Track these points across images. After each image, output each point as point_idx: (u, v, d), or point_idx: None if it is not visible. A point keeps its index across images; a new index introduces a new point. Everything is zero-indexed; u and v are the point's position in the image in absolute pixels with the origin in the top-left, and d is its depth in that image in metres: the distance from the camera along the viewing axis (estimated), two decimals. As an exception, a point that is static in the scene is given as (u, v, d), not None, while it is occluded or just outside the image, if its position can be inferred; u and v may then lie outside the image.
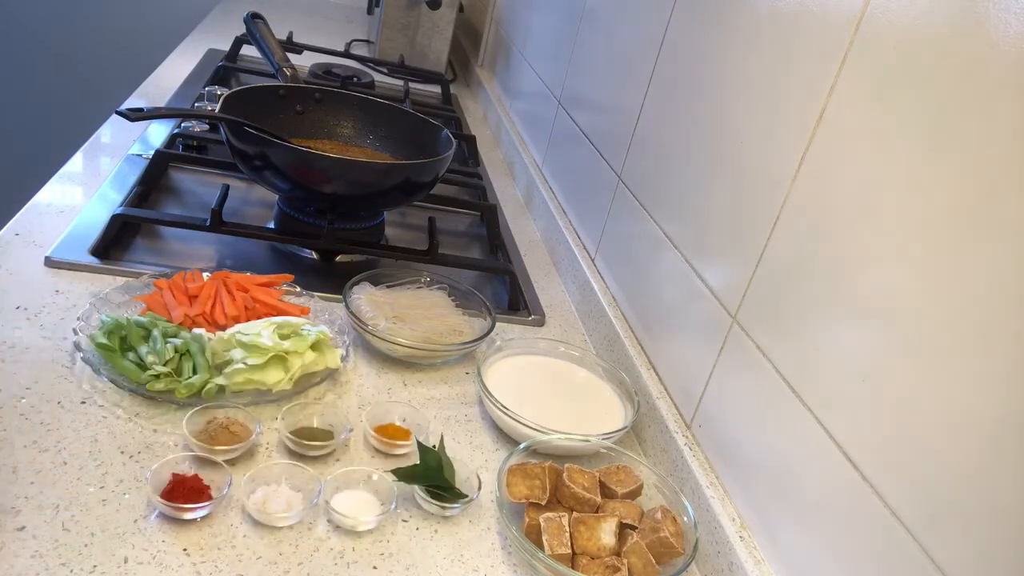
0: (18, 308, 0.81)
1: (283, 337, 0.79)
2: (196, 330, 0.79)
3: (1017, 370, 0.44)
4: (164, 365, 0.74)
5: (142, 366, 0.74)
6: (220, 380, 0.75)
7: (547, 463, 0.71)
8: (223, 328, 0.82)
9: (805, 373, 0.63)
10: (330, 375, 0.82)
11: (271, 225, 1.10)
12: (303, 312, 0.88)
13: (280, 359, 0.77)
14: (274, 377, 0.76)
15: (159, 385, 0.72)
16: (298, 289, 0.93)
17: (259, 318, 0.84)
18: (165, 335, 0.77)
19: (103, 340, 0.75)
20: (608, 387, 0.89)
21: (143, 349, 0.75)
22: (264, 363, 0.76)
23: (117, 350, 0.75)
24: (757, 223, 0.71)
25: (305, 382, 0.79)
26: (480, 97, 2.01)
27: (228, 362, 0.77)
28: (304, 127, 1.21)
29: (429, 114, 1.34)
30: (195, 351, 0.76)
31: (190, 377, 0.74)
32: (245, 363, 0.75)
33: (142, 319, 0.79)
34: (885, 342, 0.54)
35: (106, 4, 2.53)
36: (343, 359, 0.83)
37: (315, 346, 0.80)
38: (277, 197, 1.11)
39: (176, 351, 0.76)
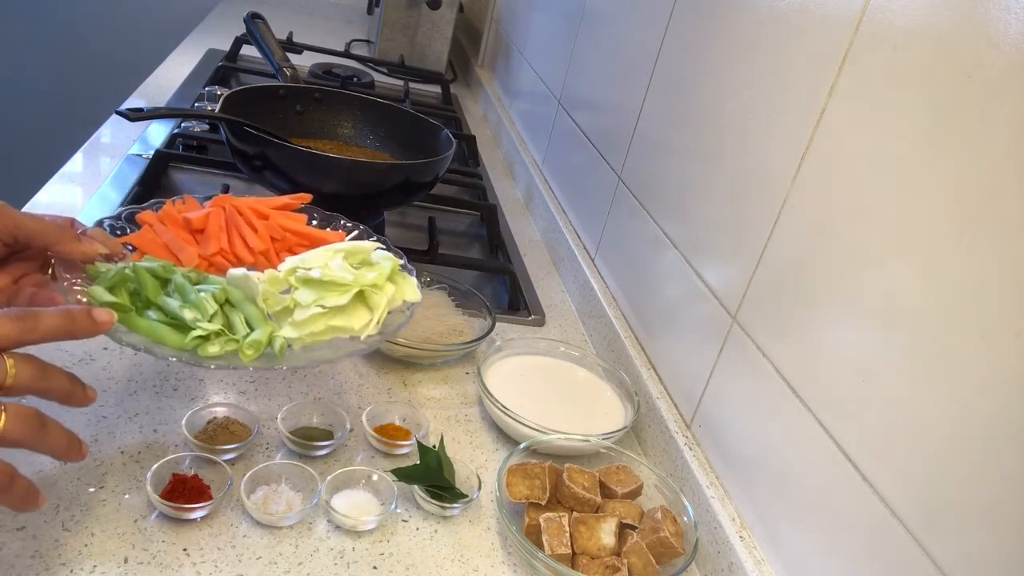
0: (18, 308, 0.81)
1: (355, 268, 0.63)
2: (237, 270, 0.62)
3: (1017, 369, 0.44)
4: (209, 321, 0.58)
5: (177, 325, 0.57)
6: (289, 332, 0.59)
7: (547, 463, 0.71)
8: (250, 267, 0.67)
9: (805, 373, 0.63)
10: (411, 311, 0.67)
11: (271, 225, 1.10)
12: (340, 239, 0.72)
13: (360, 296, 0.61)
14: (360, 319, 0.60)
15: (213, 348, 0.56)
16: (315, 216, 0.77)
17: (290, 251, 0.69)
18: (191, 283, 0.61)
19: (109, 298, 0.57)
20: (608, 387, 0.89)
21: (171, 303, 0.58)
22: (349, 302, 0.59)
23: (133, 308, 0.58)
24: (757, 223, 0.71)
25: (387, 324, 0.64)
26: (480, 97, 2.01)
27: (286, 310, 0.60)
28: (304, 127, 1.21)
29: (429, 114, 1.34)
30: (239, 299, 0.59)
31: (248, 333, 0.57)
32: (322, 306, 0.59)
33: (150, 264, 0.61)
34: (885, 342, 0.54)
35: (106, 4, 2.53)
36: (419, 288, 0.69)
37: (390, 277, 0.65)
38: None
39: (217, 299, 0.59)
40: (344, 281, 0.59)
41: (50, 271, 0.61)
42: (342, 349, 0.61)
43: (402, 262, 0.68)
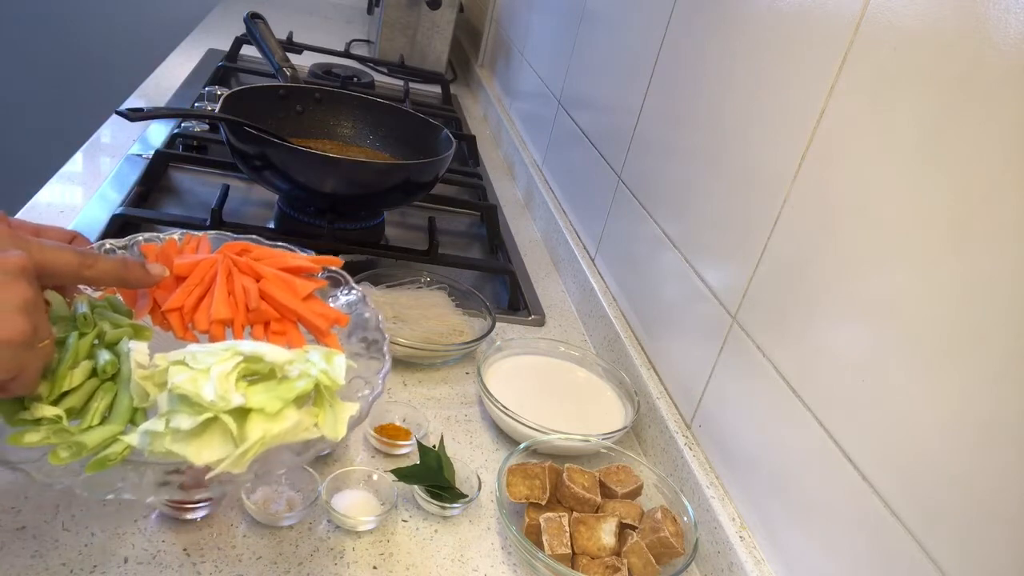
0: (18, 308, 0.81)
1: (250, 380, 0.49)
2: (132, 344, 0.50)
3: (1016, 369, 0.44)
4: (66, 395, 0.48)
5: (21, 404, 0.47)
6: (133, 439, 0.47)
7: (547, 463, 0.71)
8: (206, 333, 0.56)
9: (805, 373, 0.63)
10: (324, 451, 0.53)
11: (271, 225, 1.10)
12: (337, 322, 0.60)
13: (239, 415, 0.47)
14: (212, 453, 0.46)
15: (34, 437, 0.46)
16: (350, 282, 0.67)
17: (265, 326, 0.58)
18: (101, 342, 0.51)
19: None
20: (608, 387, 0.89)
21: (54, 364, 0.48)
22: (198, 427, 0.46)
23: None
24: (757, 223, 0.71)
25: (275, 458, 0.51)
26: (480, 97, 2.01)
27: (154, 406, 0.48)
28: (304, 127, 1.21)
29: (429, 114, 1.34)
30: (125, 379, 0.49)
31: (91, 426, 0.47)
32: (168, 424, 0.46)
33: (84, 309, 0.51)
34: (885, 342, 0.54)
35: (106, 4, 2.53)
36: (353, 421, 0.52)
37: (308, 396, 0.50)
38: (277, 197, 1.11)
39: (101, 372, 0.49)
40: (197, 399, 0.46)
41: None
42: (145, 488, 0.48)
43: (343, 383, 0.52)
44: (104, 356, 0.49)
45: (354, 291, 0.68)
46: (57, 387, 0.47)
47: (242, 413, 0.47)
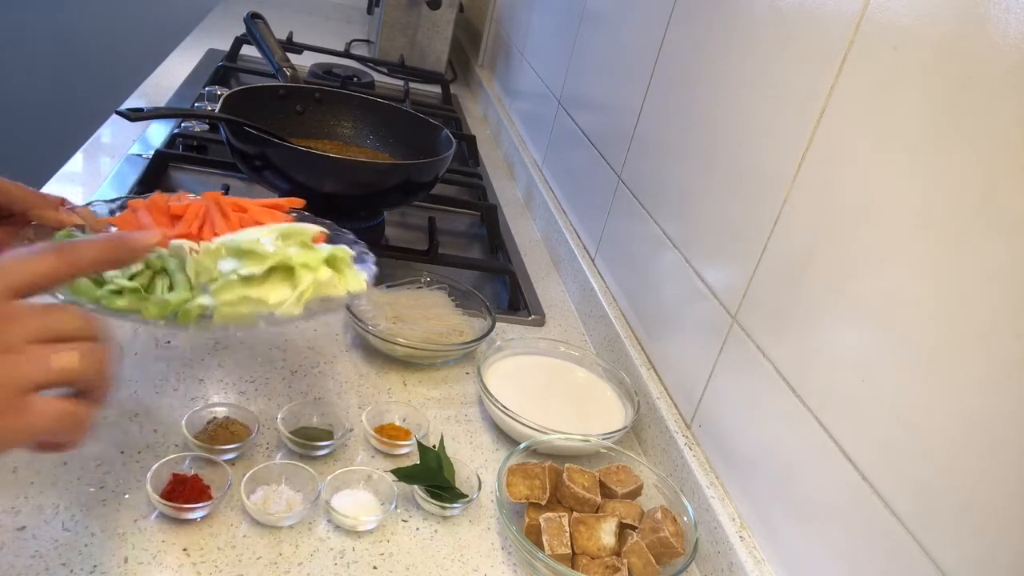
0: (18, 308, 0.81)
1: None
2: (177, 241, 0.62)
3: (1017, 370, 0.44)
4: (131, 279, 0.59)
5: (100, 281, 0.58)
6: (204, 300, 0.57)
7: (547, 463, 0.71)
8: None
9: (805, 373, 0.63)
10: (350, 302, 0.66)
11: (271, 225, 1.10)
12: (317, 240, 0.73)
13: (286, 271, 0.60)
14: (277, 294, 0.59)
15: (121, 302, 0.56)
16: (315, 218, 0.78)
17: None
18: None
19: None
20: (608, 387, 0.89)
21: None
22: (264, 275, 0.58)
23: None
24: (757, 223, 0.71)
25: (318, 308, 0.62)
26: (480, 97, 2.01)
27: (215, 280, 0.59)
28: (304, 127, 1.21)
29: (429, 114, 1.34)
30: (173, 268, 0.60)
31: (164, 294, 0.58)
32: (238, 274, 0.57)
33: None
34: (885, 342, 0.54)
35: (106, 4, 2.53)
36: (368, 282, 0.66)
37: (331, 263, 0.63)
38: (277, 197, 1.11)
39: (147, 266, 0.60)
40: (264, 252, 0.58)
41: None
42: (251, 324, 0.60)
43: (354, 253, 0.66)
44: (152, 254, 0.59)
45: (320, 220, 0.80)
46: (125, 270, 0.58)
47: (288, 269, 0.60)
